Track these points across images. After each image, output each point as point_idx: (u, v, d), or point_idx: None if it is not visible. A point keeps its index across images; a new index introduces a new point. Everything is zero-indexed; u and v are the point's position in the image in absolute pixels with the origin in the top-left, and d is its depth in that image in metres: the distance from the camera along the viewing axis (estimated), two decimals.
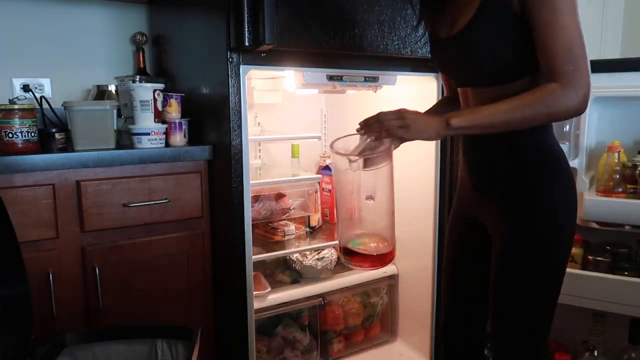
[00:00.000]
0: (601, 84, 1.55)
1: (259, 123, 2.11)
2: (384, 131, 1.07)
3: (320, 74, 1.64)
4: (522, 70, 1.04)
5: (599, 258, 1.58)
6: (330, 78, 1.66)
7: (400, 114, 1.06)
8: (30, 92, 1.67)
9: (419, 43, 1.64)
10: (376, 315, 2.06)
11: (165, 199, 1.49)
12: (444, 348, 1.38)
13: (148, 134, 1.49)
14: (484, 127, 1.02)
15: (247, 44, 1.36)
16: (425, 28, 1.26)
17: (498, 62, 1.05)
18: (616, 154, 1.54)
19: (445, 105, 1.35)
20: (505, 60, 1.04)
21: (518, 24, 1.00)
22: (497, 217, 1.12)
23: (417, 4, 1.22)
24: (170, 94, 1.59)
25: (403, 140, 1.08)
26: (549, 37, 0.96)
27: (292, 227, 1.92)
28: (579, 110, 0.97)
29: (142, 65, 1.88)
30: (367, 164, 1.10)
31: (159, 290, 1.52)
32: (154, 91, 1.51)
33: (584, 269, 1.59)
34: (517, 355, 1.12)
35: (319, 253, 1.95)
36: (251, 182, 1.52)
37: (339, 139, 1.15)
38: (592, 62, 1.67)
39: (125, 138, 1.59)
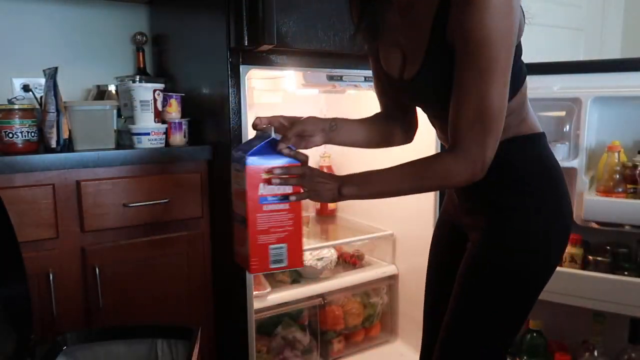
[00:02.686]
0: (601, 84, 1.55)
1: None
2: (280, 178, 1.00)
3: (320, 74, 1.64)
4: None
5: (599, 258, 1.58)
6: (330, 78, 1.66)
7: (303, 178, 1.01)
8: (30, 92, 1.67)
9: None
10: (376, 315, 2.06)
11: (165, 199, 1.49)
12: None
13: (148, 134, 1.49)
14: (375, 196, 1.00)
15: (246, 44, 1.36)
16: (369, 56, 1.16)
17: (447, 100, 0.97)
18: (616, 154, 1.53)
19: (374, 123, 1.20)
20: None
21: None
22: (476, 228, 1.04)
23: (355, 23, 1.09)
24: (170, 94, 1.59)
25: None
26: (460, 101, 0.88)
27: None
28: (470, 181, 0.91)
29: (142, 65, 1.88)
30: None
31: (159, 290, 1.52)
32: (154, 91, 1.51)
33: (584, 269, 1.59)
34: None
35: (319, 253, 1.95)
36: None
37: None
38: (592, 62, 1.68)
39: (125, 138, 1.59)
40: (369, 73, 1.69)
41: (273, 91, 2.01)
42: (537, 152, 1.02)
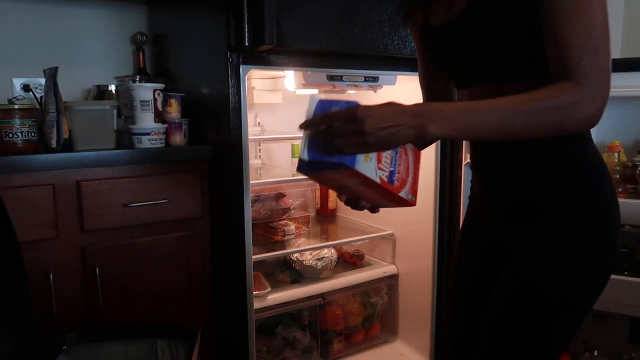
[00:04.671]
0: None
1: (259, 123, 2.11)
2: (335, 143, 0.75)
3: (320, 74, 1.64)
4: (536, 65, 0.82)
5: None
6: (330, 78, 1.66)
7: (354, 115, 0.74)
8: (30, 92, 1.67)
9: None
10: (376, 315, 2.06)
11: (165, 199, 1.49)
12: None
13: (148, 134, 1.49)
14: (472, 136, 0.82)
15: (246, 43, 1.36)
16: (411, 19, 1.02)
17: (505, 50, 0.84)
18: (616, 154, 1.54)
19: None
20: (514, 49, 0.83)
21: (527, 5, 0.79)
22: (522, 240, 0.91)
23: None
24: (170, 94, 1.59)
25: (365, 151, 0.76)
26: (562, 21, 0.75)
27: (292, 227, 1.92)
28: (594, 119, 0.74)
29: (142, 65, 1.88)
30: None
31: (159, 290, 1.52)
32: (154, 91, 1.51)
33: None
34: None
35: (319, 253, 1.95)
36: (251, 182, 1.52)
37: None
38: None
39: (125, 138, 1.58)
40: (369, 73, 1.71)
41: (273, 91, 2.02)
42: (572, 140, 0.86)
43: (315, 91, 1.91)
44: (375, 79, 1.72)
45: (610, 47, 0.75)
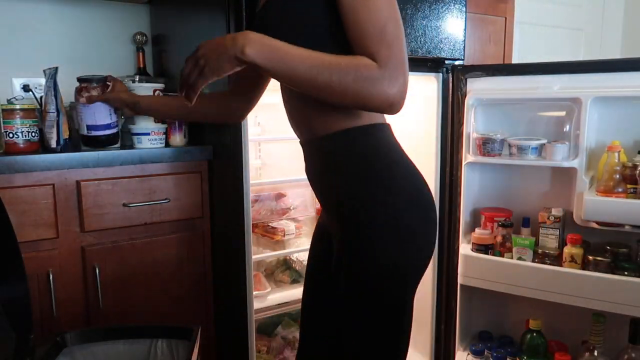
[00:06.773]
0: (601, 84, 1.55)
1: (259, 123, 2.11)
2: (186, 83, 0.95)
3: None
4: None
5: (599, 258, 1.58)
6: None
7: (197, 56, 0.93)
8: (30, 92, 1.67)
9: (419, 43, 1.64)
10: None
11: (165, 199, 1.49)
12: None
13: (148, 134, 1.49)
14: (284, 72, 0.84)
15: None
16: None
17: (302, 38, 0.88)
18: (616, 154, 1.53)
19: (217, 99, 1.26)
20: (312, 36, 0.89)
21: (321, 3, 0.87)
22: (337, 229, 1.01)
23: None
24: (170, 94, 1.59)
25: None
26: (359, 15, 0.82)
27: (292, 227, 1.92)
28: (393, 102, 0.83)
29: (142, 65, 1.88)
30: None
31: (159, 290, 1.52)
32: (154, 91, 1.51)
33: (584, 269, 1.59)
34: None
35: None
36: (251, 182, 1.52)
37: None
38: (592, 62, 1.68)
39: (125, 138, 1.58)
40: None
41: (273, 91, 2.01)
42: (375, 144, 0.94)
43: None
44: None
45: (403, 38, 0.85)
